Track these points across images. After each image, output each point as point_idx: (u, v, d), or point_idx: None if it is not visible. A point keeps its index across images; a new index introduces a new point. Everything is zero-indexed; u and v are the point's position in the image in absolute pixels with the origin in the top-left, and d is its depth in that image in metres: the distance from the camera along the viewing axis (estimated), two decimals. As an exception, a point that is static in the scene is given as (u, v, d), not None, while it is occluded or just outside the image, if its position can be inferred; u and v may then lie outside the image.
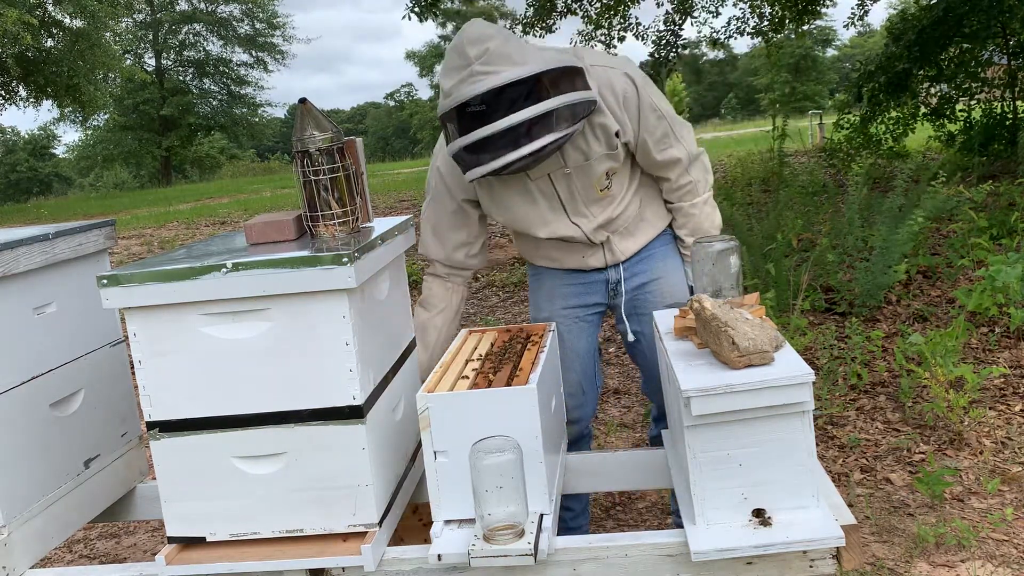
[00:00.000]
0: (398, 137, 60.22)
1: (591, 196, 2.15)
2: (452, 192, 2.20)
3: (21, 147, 45.27)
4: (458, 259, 2.28)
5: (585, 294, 2.32)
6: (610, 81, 2.07)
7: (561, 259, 2.30)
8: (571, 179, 2.11)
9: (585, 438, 2.46)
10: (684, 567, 1.60)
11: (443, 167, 2.19)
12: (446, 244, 2.26)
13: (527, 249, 2.37)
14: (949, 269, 4.98)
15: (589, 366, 2.38)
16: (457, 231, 2.25)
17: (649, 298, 2.29)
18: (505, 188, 2.14)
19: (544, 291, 2.36)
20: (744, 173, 10.27)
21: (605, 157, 2.10)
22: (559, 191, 2.13)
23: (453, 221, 2.24)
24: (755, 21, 11.00)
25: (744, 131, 26.07)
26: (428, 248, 2.29)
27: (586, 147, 2.07)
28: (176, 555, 1.72)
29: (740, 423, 1.56)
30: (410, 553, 1.69)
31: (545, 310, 2.35)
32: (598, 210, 2.18)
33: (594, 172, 2.11)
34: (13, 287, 1.87)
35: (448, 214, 2.23)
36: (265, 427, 1.68)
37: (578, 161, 2.08)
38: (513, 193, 2.14)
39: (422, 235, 2.31)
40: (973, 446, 3.18)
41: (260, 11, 35.59)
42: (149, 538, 3.23)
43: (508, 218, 2.19)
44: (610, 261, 2.28)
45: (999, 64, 9.68)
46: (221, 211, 14.37)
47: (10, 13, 15.77)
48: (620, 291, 2.30)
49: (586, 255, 2.27)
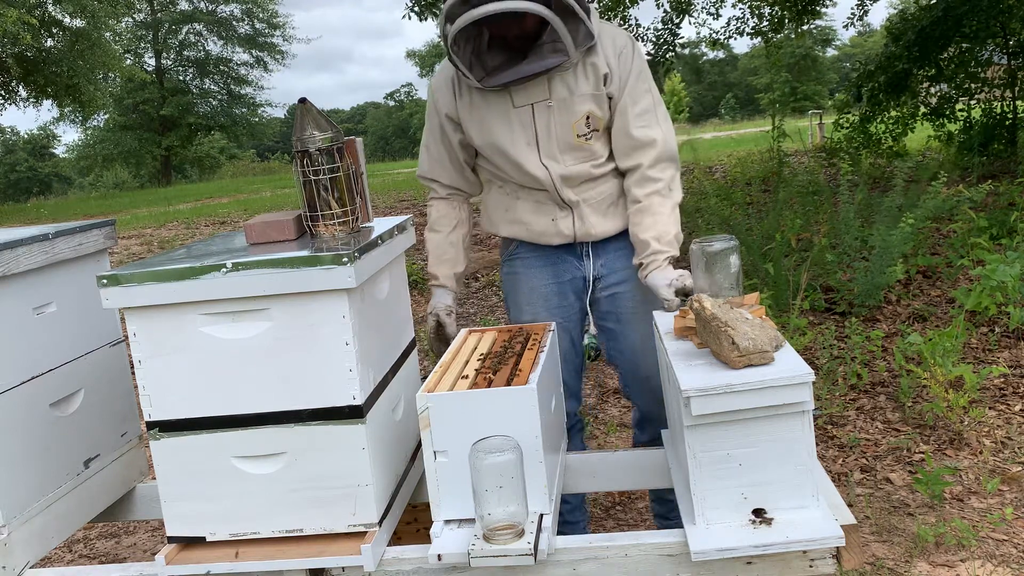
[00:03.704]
0: (398, 137, 60.23)
1: (567, 140, 2.16)
2: (438, 107, 2.26)
3: (21, 147, 45.29)
4: (453, 179, 2.33)
5: (561, 294, 2.31)
6: (612, 32, 2.18)
7: (530, 223, 2.27)
8: (551, 114, 2.14)
9: (575, 429, 2.45)
10: (684, 567, 1.60)
11: (435, 82, 2.27)
12: (440, 162, 2.32)
13: (496, 213, 2.34)
14: (949, 269, 4.99)
15: (572, 361, 2.37)
16: (449, 149, 2.29)
17: (628, 297, 2.28)
18: (487, 108, 2.17)
19: (523, 292, 2.35)
20: (744, 173, 10.27)
21: (589, 97, 2.14)
22: (537, 125, 2.15)
23: (442, 139, 2.29)
24: (754, 22, 11.01)
25: (744, 131, 26.06)
26: (424, 168, 2.36)
27: (573, 82, 2.13)
28: (176, 555, 1.72)
29: (740, 423, 1.56)
30: (410, 553, 1.69)
31: (527, 313, 2.34)
32: (571, 160, 2.18)
33: (575, 111, 2.14)
34: (13, 287, 1.87)
35: (437, 132, 2.29)
36: (265, 427, 1.68)
37: (562, 94, 2.13)
38: (494, 115, 2.17)
39: (420, 157, 2.38)
40: (973, 446, 3.19)
41: (260, 11, 35.59)
42: (149, 538, 3.23)
43: (484, 139, 2.21)
44: (580, 233, 2.25)
45: (999, 64, 9.69)
46: (221, 211, 14.36)
47: (10, 13, 15.77)
48: (597, 289, 2.30)
49: (556, 217, 2.24)
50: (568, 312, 2.34)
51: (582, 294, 2.33)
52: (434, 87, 2.27)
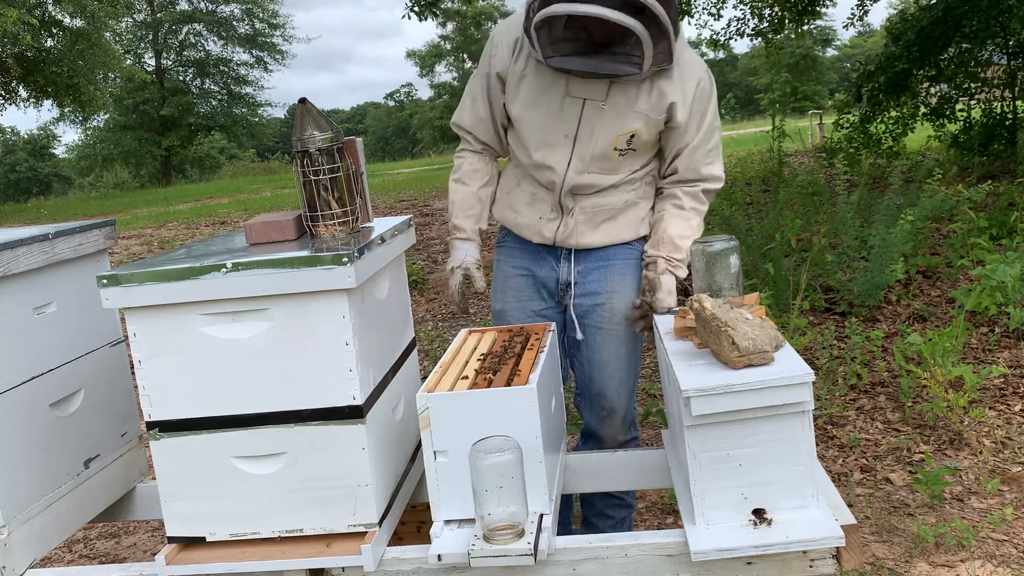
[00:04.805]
0: (398, 137, 60.25)
1: (603, 149, 2.12)
2: (492, 63, 2.18)
3: (21, 147, 45.28)
4: (489, 136, 2.26)
5: (535, 288, 2.29)
6: (692, 63, 2.12)
7: (520, 213, 2.26)
8: (600, 118, 2.08)
9: None
10: (684, 567, 1.60)
11: (498, 35, 2.18)
12: (480, 118, 2.24)
13: (500, 192, 2.33)
14: (949, 269, 4.98)
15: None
16: (492, 107, 2.22)
17: (600, 311, 2.24)
18: (540, 84, 2.10)
19: (498, 280, 2.35)
20: (744, 173, 10.27)
21: (643, 116, 2.08)
22: (582, 122, 2.10)
23: (486, 95, 2.22)
24: (755, 22, 11.02)
25: (744, 131, 26.07)
26: (463, 118, 2.28)
27: (634, 95, 2.07)
28: (176, 555, 1.72)
29: (740, 423, 1.56)
30: (410, 553, 1.69)
31: (498, 301, 2.34)
32: (595, 168, 2.14)
33: (624, 124, 2.09)
34: (13, 287, 1.87)
35: (484, 87, 2.22)
36: (265, 427, 1.68)
37: (618, 103, 2.07)
38: (544, 93, 2.11)
39: (461, 104, 2.30)
40: (973, 446, 3.19)
41: (260, 11, 35.59)
42: (149, 538, 3.23)
43: (521, 113, 2.14)
44: (560, 239, 2.22)
45: (999, 64, 9.69)
46: (221, 211, 14.36)
47: (10, 13, 15.77)
48: (569, 294, 2.26)
49: (544, 217, 2.22)
50: (541, 307, 2.30)
51: (556, 294, 2.30)
52: (496, 40, 2.18)
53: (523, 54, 2.12)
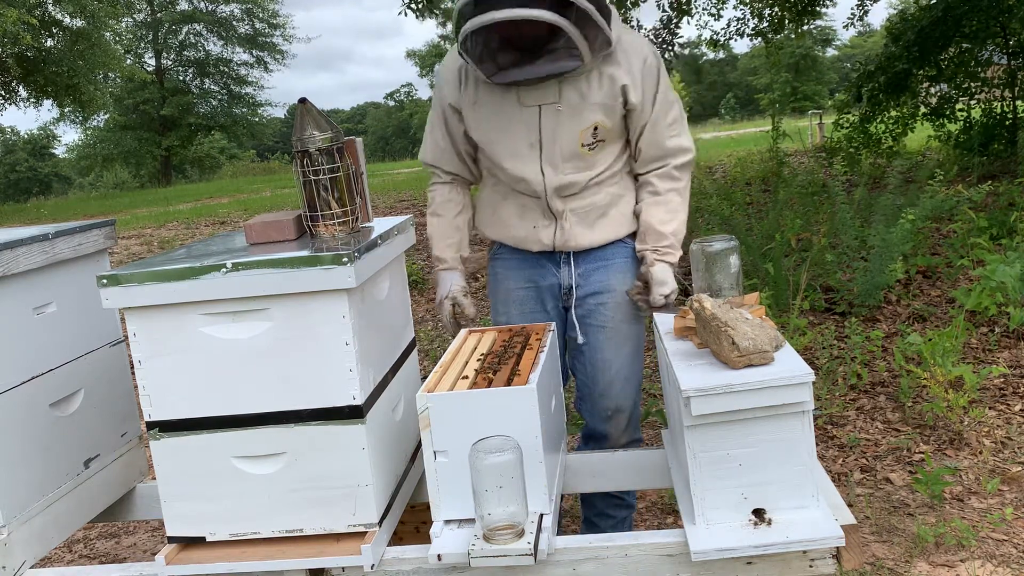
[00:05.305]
0: (398, 137, 60.24)
1: (571, 148, 2.12)
2: (443, 96, 2.22)
3: (21, 147, 45.28)
4: (456, 167, 2.29)
5: (538, 299, 2.30)
6: (635, 42, 2.12)
7: (512, 227, 2.26)
8: (559, 118, 2.09)
9: None
10: (684, 567, 1.60)
11: (443, 70, 2.22)
12: (443, 150, 2.28)
13: (484, 212, 2.34)
14: (949, 269, 4.98)
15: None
16: (452, 138, 2.26)
17: (602, 310, 2.25)
18: (493, 104, 2.13)
19: (499, 294, 2.35)
20: (744, 173, 10.27)
21: (600, 107, 2.09)
22: (543, 127, 2.11)
23: (445, 128, 2.25)
24: (755, 22, 11.01)
25: (744, 131, 26.07)
26: (427, 154, 2.32)
27: (586, 89, 2.08)
28: (176, 555, 1.72)
29: (740, 423, 1.56)
30: (410, 553, 1.69)
31: (502, 315, 2.34)
32: (570, 168, 2.14)
33: (584, 118, 2.10)
34: (13, 287, 1.87)
35: (441, 120, 2.25)
36: (265, 427, 1.68)
37: (573, 100, 2.08)
38: (499, 112, 2.13)
39: (424, 140, 2.34)
40: (973, 446, 3.19)
41: (260, 11, 35.56)
42: (149, 538, 3.23)
43: (484, 135, 2.17)
44: (559, 243, 2.22)
45: (999, 64, 9.69)
46: (221, 211, 14.35)
47: (10, 13, 15.76)
48: (572, 296, 2.27)
49: (538, 225, 2.22)
50: (544, 318, 2.30)
51: (559, 300, 2.30)
52: (441, 74, 2.22)
53: (469, 81, 2.16)
